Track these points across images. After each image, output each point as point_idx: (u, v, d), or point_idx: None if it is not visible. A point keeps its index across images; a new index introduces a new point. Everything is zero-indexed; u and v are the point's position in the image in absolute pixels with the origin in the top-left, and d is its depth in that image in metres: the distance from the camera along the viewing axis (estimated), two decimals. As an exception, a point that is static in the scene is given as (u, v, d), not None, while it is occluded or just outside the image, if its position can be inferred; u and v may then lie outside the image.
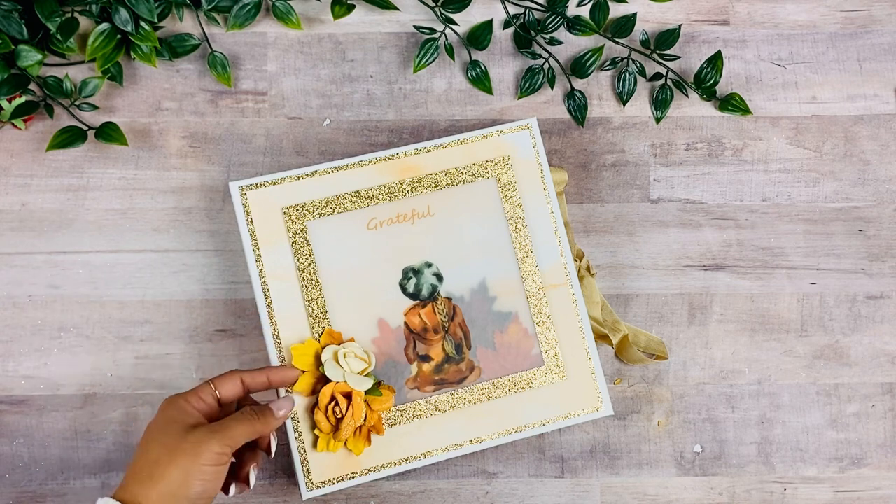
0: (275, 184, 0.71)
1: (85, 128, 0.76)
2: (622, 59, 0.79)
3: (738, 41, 0.81)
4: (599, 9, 0.79)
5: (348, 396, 0.69)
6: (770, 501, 0.75)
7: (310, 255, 0.71)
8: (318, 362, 0.69)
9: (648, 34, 0.79)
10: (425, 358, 0.72)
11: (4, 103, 0.75)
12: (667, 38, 0.79)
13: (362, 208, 0.72)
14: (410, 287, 0.72)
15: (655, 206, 0.78)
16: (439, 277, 0.72)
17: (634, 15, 0.79)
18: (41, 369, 0.74)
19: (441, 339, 0.72)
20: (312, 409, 0.69)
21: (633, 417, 0.76)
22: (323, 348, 0.69)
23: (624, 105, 0.79)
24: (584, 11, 0.80)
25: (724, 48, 0.80)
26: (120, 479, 0.73)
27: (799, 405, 0.76)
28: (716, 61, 0.78)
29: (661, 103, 0.79)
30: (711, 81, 0.78)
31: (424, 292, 0.72)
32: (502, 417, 0.71)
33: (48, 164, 0.77)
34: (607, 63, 0.79)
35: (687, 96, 0.79)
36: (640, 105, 0.80)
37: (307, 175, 0.72)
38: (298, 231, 0.71)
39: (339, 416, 0.68)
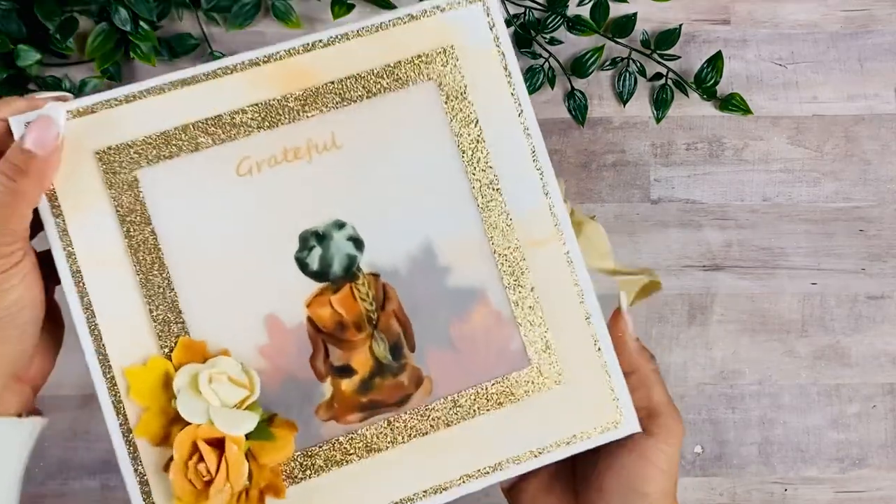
0: (81, 113, 0.45)
1: (84, 128, 0.76)
2: (622, 59, 0.79)
3: (739, 41, 0.80)
4: (600, 8, 0.79)
5: (219, 445, 0.44)
6: (771, 502, 0.75)
7: (146, 224, 0.45)
8: (171, 393, 0.44)
9: (649, 34, 0.79)
10: (344, 370, 0.47)
11: (3, 103, 0.75)
12: (667, 38, 0.79)
13: (226, 142, 0.46)
14: (314, 262, 0.47)
15: (656, 206, 0.78)
16: (357, 243, 0.47)
17: (635, 14, 0.79)
18: (40, 370, 0.74)
19: (367, 339, 0.47)
20: (167, 464, 0.45)
21: (633, 418, 0.76)
22: (177, 370, 0.44)
23: (624, 105, 0.79)
24: (585, 11, 0.80)
25: (725, 48, 0.80)
26: (120, 479, 0.73)
27: (800, 405, 0.76)
28: (716, 61, 0.78)
29: (661, 103, 0.79)
30: (712, 81, 0.78)
31: (336, 268, 0.47)
32: (474, 450, 0.47)
33: (47, 164, 0.77)
34: (607, 63, 0.79)
35: (687, 96, 0.79)
36: (641, 105, 0.79)
37: (134, 96, 0.45)
38: (125, 186, 0.45)
39: (208, 478, 0.43)
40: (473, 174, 0.48)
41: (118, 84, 0.77)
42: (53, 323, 0.48)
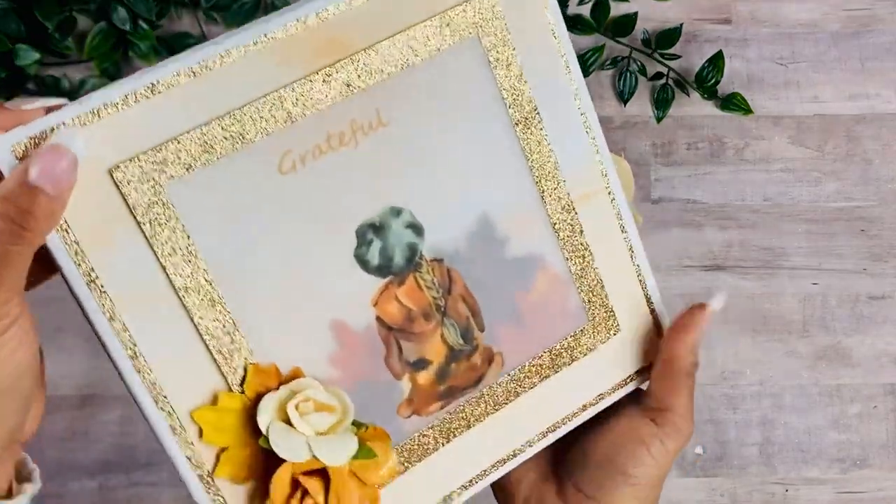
0: (86, 121, 0.35)
1: (83, 127, 0.75)
2: (623, 59, 0.79)
3: (740, 40, 0.80)
4: (600, 8, 0.79)
5: (320, 474, 0.40)
6: (772, 503, 0.75)
7: (186, 247, 0.38)
8: (252, 428, 0.40)
9: (649, 33, 0.79)
10: (420, 364, 0.44)
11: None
12: (668, 37, 0.79)
13: (264, 137, 0.38)
14: (374, 256, 0.43)
15: (656, 205, 0.78)
16: (416, 229, 0.43)
17: (635, 14, 0.79)
18: (39, 370, 0.74)
19: (438, 328, 0.44)
20: (259, 502, 0.41)
21: (634, 418, 0.76)
22: (253, 402, 0.40)
23: (625, 104, 0.79)
24: (585, 10, 0.80)
25: (726, 47, 0.80)
26: (118, 480, 0.73)
27: (801, 406, 0.76)
28: (717, 60, 0.78)
29: (662, 103, 0.79)
30: (713, 80, 0.78)
31: (398, 259, 0.43)
32: (539, 415, 0.47)
33: (46, 163, 0.76)
34: (608, 62, 0.79)
35: (688, 96, 0.79)
36: (641, 104, 0.79)
37: (143, 93, 0.36)
38: (155, 206, 0.37)
39: None
40: (524, 135, 0.43)
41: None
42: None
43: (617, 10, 0.80)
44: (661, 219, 0.78)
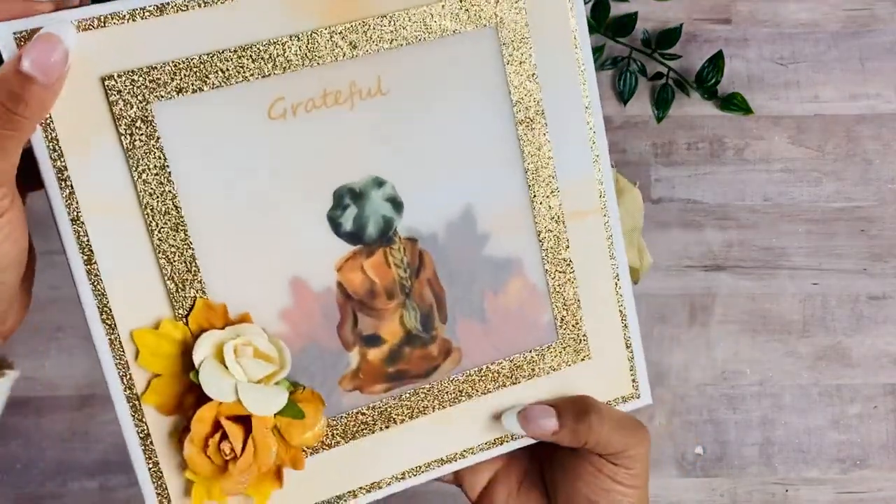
0: (86, 27, 0.36)
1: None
2: (623, 59, 0.79)
3: (740, 40, 0.80)
4: (600, 8, 0.79)
5: (243, 421, 0.40)
6: (772, 503, 0.75)
7: (161, 168, 0.38)
8: (187, 362, 0.40)
9: (649, 33, 0.79)
10: (373, 339, 0.43)
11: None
12: (668, 37, 0.79)
13: (259, 79, 0.39)
14: (347, 222, 0.42)
15: (656, 206, 0.78)
16: (396, 204, 0.42)
17: (635, 14, 0.79)
18: (39, 370, 0.74)
19: (399, 308, 0.43)
20: (179, 436, 0.40)
21: (634, 418, 0.76)
22: (196, 337, 0.40)
23: (625, 104, 0.79)
24: (585, 11, 0.80)
25: (726, 47, 0.80)
26: (118, 480, 0.73)
27: (801, 406, 0.76)
28: (717, 60, 0.78)
29: (662, 102, 0.79)
30: (713, 80, 0.78)
31: (371, 229, 0.42)
32: (486, 424, 0.46)
33: (46, 163, 0.77)
34: (608, 62, 0.79)
35: (688, 96, 0.79)
36: (641, 104, 0.79)
37: (151, 11, 0.37)
38: (138, 122, 0.38)
39: (231, 457, 0.39)
40: (525, 136, 0.43)
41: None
42: (29, 260, 0.39)
43: (617, 10, 0.80)
44: (661, 219, 0.78)
